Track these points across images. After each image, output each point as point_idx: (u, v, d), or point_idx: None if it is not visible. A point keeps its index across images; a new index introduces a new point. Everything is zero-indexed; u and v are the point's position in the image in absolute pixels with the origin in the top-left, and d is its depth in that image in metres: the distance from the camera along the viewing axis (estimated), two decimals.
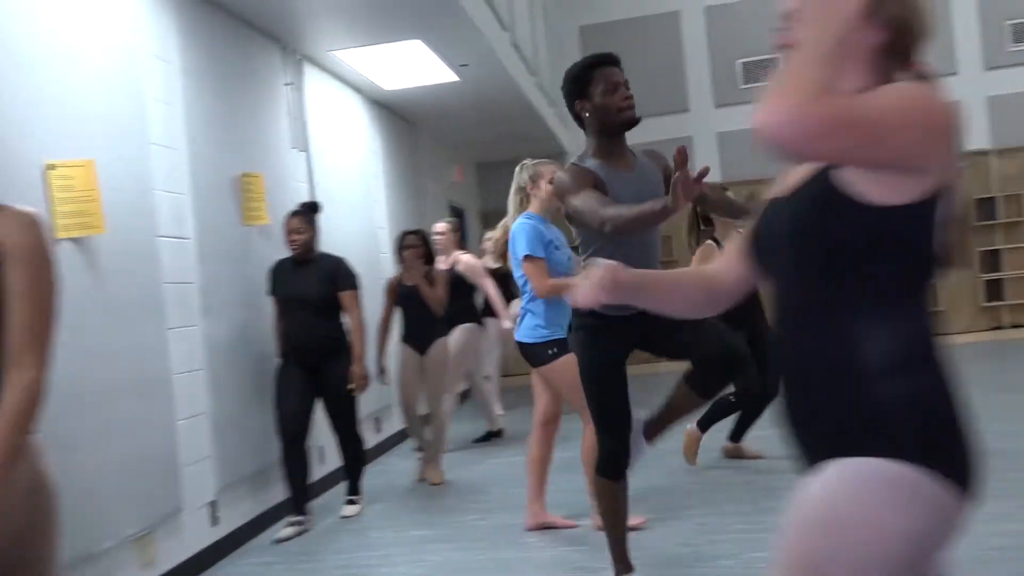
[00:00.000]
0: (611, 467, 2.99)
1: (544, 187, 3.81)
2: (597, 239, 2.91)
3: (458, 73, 6.55)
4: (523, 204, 3.95)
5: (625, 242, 2.86)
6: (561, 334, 3.64)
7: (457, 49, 6.00)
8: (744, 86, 10.61)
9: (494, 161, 10.37)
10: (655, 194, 2.84)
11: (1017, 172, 10.12)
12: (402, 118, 7.91)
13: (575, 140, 11.03)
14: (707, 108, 10.80)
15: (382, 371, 5.56)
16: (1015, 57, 10.19)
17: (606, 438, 2.98)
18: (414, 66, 6.30)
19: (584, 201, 2.78)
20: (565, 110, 3.07)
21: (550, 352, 3.76)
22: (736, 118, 10.25)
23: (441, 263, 5.82)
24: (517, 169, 4.01)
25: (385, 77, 6.53)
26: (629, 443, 2.99)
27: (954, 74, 10.04)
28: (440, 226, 6.24)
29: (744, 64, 10.64)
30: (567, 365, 3.52)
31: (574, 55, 11.13)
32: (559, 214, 3.23)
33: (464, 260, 6.08)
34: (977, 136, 9.96)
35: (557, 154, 10.79)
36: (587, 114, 2.94)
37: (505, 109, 7.91)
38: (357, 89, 6.81)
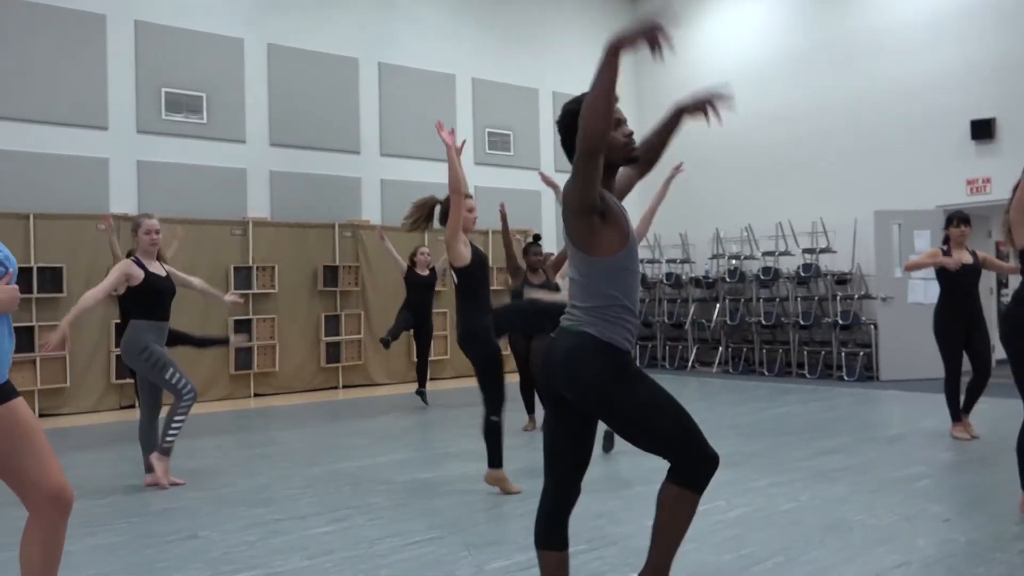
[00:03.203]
0: (702, 476, 2.79)
1: None
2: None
3: None
4: None
5: None
6: None
7: None
8: (167, 116, 10.07)
9: None
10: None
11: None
12: None
13: None
14: (128, 131, 9.85)
15: None
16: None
17: (702, 447, 2.82)
18: None
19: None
20: None
21: None
22: (157, 148, 9.81)
23: None
24: None
25: None
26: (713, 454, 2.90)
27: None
28: None
29: (168, 93, 10.11)
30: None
31: None
32: None
33: None
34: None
35: None
36: None
37: None
38: None
